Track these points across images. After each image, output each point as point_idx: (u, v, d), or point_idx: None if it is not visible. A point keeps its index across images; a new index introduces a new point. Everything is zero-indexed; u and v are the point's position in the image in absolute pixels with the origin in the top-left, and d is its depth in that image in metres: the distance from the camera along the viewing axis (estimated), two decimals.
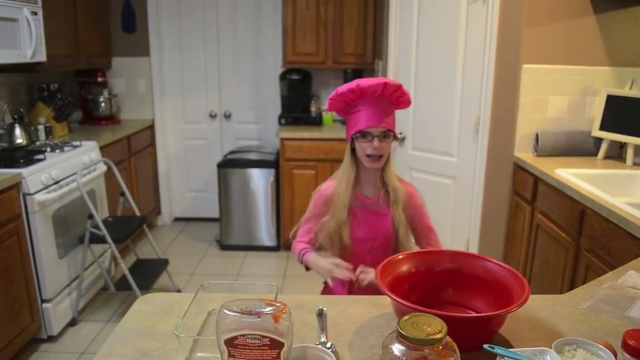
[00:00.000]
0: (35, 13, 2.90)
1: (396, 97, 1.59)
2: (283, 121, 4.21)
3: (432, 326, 0.78)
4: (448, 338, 0.78)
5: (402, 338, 0.77)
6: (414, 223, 1.72)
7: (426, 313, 0.84)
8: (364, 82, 1.54)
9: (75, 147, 3.13)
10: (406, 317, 0.81)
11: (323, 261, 1.62)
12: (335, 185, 1.69)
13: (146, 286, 3.05)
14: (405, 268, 1.20)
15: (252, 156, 4.09)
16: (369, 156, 1.59)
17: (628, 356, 0.83)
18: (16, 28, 2.76)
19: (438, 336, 0.76)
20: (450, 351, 0.77)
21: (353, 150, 1.65)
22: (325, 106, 4.35)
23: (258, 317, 0.80)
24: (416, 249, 1.71)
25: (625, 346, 0.84)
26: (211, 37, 4.47)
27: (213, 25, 4.45)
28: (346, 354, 1.02)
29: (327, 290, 1.78)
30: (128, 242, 3.39)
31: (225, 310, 0.81)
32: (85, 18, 3.74)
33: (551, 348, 0.92)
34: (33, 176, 2.60)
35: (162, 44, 4.44)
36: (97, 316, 3.10)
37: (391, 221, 1.65)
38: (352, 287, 1.66)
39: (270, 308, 0.81)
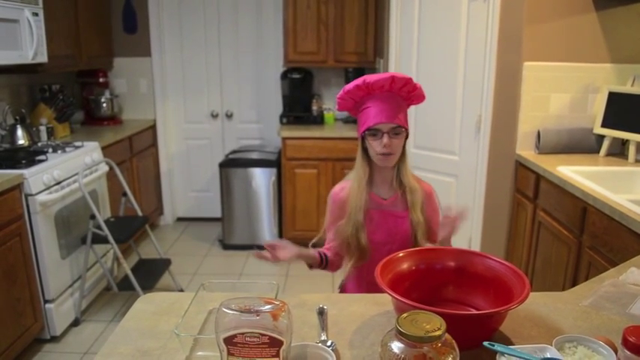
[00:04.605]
0: (36, 14, 2.90)
1: (406, 92, 1.54)
2: (285, 120, 4.21)
3: (431, 323, 0.78)
4: (447, 335, 0.78)
5: (401, 336, 0.77)
6: (428, 223, 1.66)
7: (425, 311, 0.84)
8: (371, 77, 1.50)
9: (77, 147, 3.13)
10: (405, 315, 0.80)
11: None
12: (348, 187, 1.63)
13: (149, 286, 3.06)
14: (405, 266, 1.20)
15: (254, 155, 4.09)
16: (379, 154, 1.54)
17: (628, 353, 0.83)
18: (17, 29, 2.76)
19: (437, 333, 0.76)
20: (449, 348, 0.77)
21: (365, 150, 1.59)
22: (330, 105, 4.38)
23: (257, 315, 0.80)
24: None
25: (625, 342, 0.84)
26: (212, 36, 4.47)
27: (215, 25, 4.45)
28: (346, 352, 1.02)
29: (345, 291, 1.77)
30: (130, 242, 3.40)
31: (224, 309, 0.81)
32: (86, 19, 3.75)
33: (551, 345, 0.91)
34: (35, 177, 2.61)
35: (164, 44, 4.44)
36: (100, 316, 3.10)
37: (409, 223, 1.60)
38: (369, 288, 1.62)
39: (269, 306, 0.81)
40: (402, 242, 1.58)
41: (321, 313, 1.14)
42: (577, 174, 2.34)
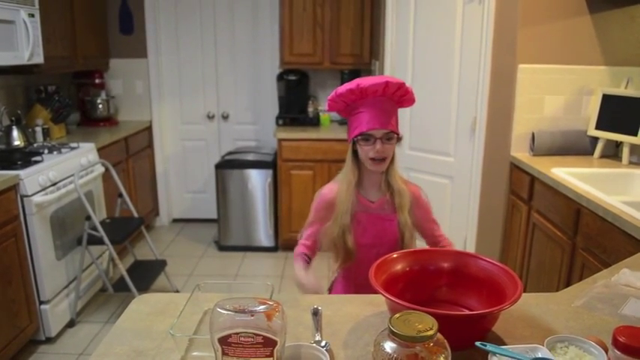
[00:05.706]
0: (32, 15, 2.90)
1: (398, 96, 1.53)
2: (281, 121, 4.22)
3: (423, 323, 0.79)
4: (439, 335, 0.79)
5: (393, 335, 0.77)
6: (421, 222, 1.67)
7: (418, 311, 0.84)
8: (364, 81, 1.47)
9: (72, 149, 3.13)
10: (398, 315, 0.81)
11: (304, 278, 1.58)
12: (337, 189, 1.62)
13: (144, 287, 3.06)
14: (399, 267, 1.21)
15: (250, 157, 4.09)
16: (372, 159, 1.54)
17: (618, 353, 0.84)
18: (14, 30, 2.76)
19: (429, 333, 0.76)
20: (441, 348, 0.78)
21: (355, 152, 1.59)
22: (325, 107, 4.38)
23: (251, 315, 0.81)
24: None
25: (615, 342, 0.84)
26: (209, 38, 4.47)
27: (211, 26, 4.45)
28: (340, 352, 1.03)
29: (335, 291, 1.77)
30: (126, 243, 3.39)
31: (218, 309, 0.82)
32: (82, 20, 3.75)
33: (543, 345, 0.92)
34: (30, 178, 2.61)
35: (160, 45, 4.44)
36: (96, 317, 3.10)
37: (397, 226, 1.59)
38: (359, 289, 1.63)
39: (263, 306, 0.82)
40: (389, 245, 1.57)
41: (316, 313, 1.14)
42: (571, 176, 2.35)
